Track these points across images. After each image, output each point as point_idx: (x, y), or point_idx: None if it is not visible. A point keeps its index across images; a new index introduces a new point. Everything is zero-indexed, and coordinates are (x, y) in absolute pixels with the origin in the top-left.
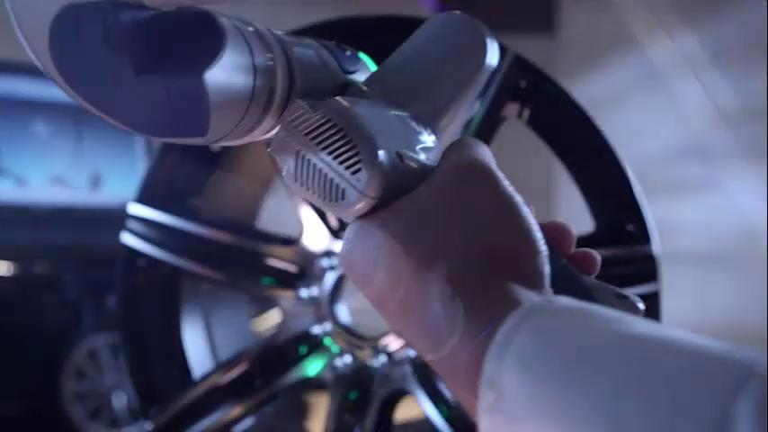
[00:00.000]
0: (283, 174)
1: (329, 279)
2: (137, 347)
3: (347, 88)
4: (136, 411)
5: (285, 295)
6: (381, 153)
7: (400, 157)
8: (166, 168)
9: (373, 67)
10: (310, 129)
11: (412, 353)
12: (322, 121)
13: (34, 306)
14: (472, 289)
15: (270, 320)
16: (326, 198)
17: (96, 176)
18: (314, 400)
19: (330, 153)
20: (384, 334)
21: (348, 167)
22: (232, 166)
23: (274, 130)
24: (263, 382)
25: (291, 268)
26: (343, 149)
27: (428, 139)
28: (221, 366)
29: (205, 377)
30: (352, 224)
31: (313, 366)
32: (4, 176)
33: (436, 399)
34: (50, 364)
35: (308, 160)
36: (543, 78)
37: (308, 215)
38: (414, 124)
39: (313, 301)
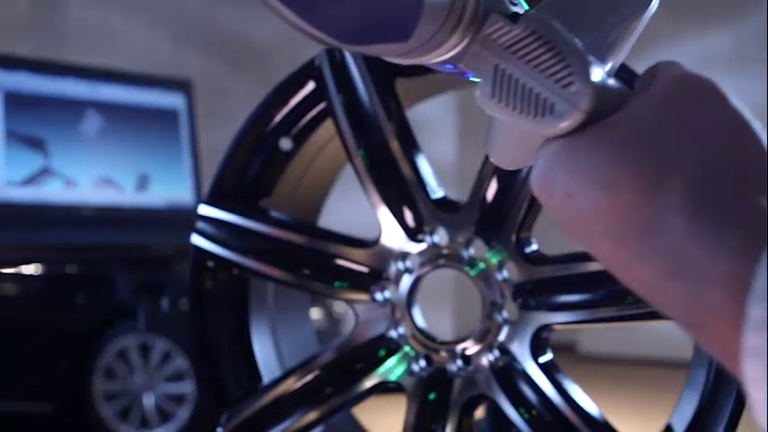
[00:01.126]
0: (476, 93)
1: (406, 281)
2: (206, 350)
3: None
4: (165, 412)
5: (359, 298)
6: (593, 67)
7: (606, 72)
8: (236, 169)
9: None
10: (513, 42)
11: (491, 357)
12: (526, 33)
13: (80, 305)
14: (719, 206)
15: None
16: (531, 113)
17: (143, 177)
18: (387, 401)
19: (536, 66)
20: (462, 338)
21: (557, 81)
22: (301, 167)
23: (456, 50)
24: (336, 388)
25: (366, 270)
26: (551, 62)
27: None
28: (292, 371)
29: (276, 383)
30: (550, 143)
31: (389, 371)
32: (53, 177)
33: (518, 402)
34: (80, 364)
35: (510, 75)
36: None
37: (385, 216)
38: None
39: (389, 304)
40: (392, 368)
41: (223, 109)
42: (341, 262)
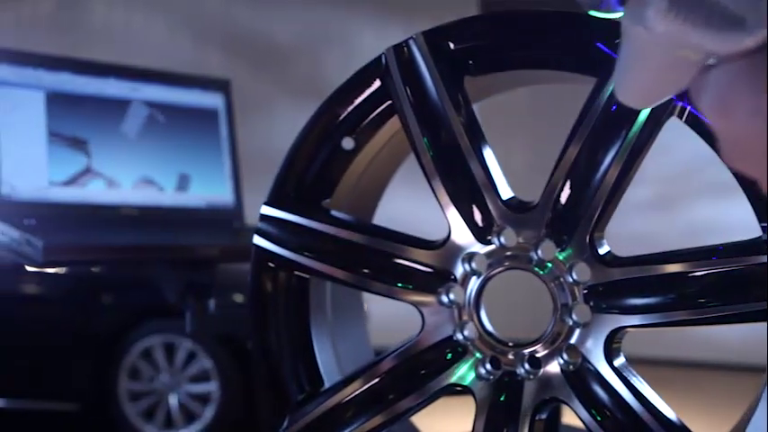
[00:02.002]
0: (648, 13)
1: (473, 283)
2: (267, 352)
3: None
4: (189, 412)
5: (424, 300)
6: None
7: None
8: (298, 169)
9: None
10: None
11: (563, 359)
12: None
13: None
14: None
15: None
16: (715, 28)
17: (184, 177)
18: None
19: None
20: (533, 341)
21: None
22: (361, 166)
23: None
24: (401, 393)
25: (432, 272)
26: None
27: None
28: (356, 375)
29: (338, 387)
30: (725, 65)
31: (456, 374)
32: (95, 177)
33: (592, 405)
34: (107, 364)
35: None
36: None
37: (453, 216)
38: None
39: (455, 306)
40: (459, 371)
41: (243, 108)
42: (405, 263)
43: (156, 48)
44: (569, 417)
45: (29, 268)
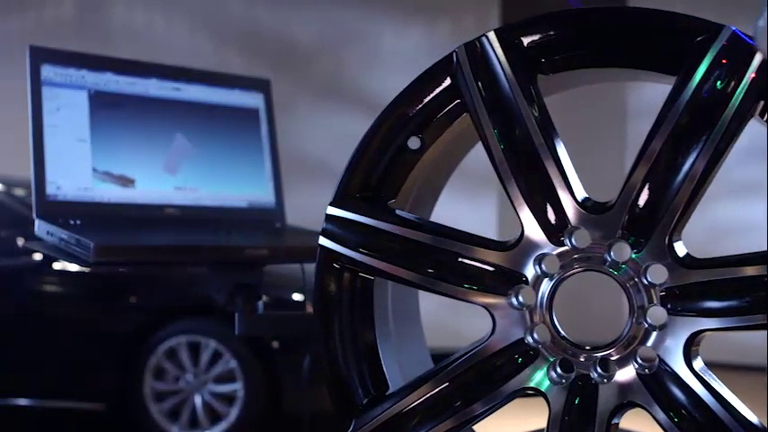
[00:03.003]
0: None
1: (545, 285)
2: (331, 354)
3: None
4: (214, 412)
5: (494, 302)
6: None
7: None
8: (364, 169)
9: None
10: None
11: (639, 363)
12: None
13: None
14: None
15: None
16: None
17: (225, 177)
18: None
19: None
20: (607, 344)
21: None
22: (425, 165)
23: None
24: (471, 396)
25: (502, 273)
26: None
27: None
28: (425, 378)
29: (406, 390)
30: None
31: (528, 377)
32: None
33: (671, 409)
34: (132, 363)
35: None
36: None
37: (526, 216)
38: None
39: (526, 308)
40: (531, 375)
41: None
42: (474, 263)
43: (177, 49)
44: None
45: (55, 267)
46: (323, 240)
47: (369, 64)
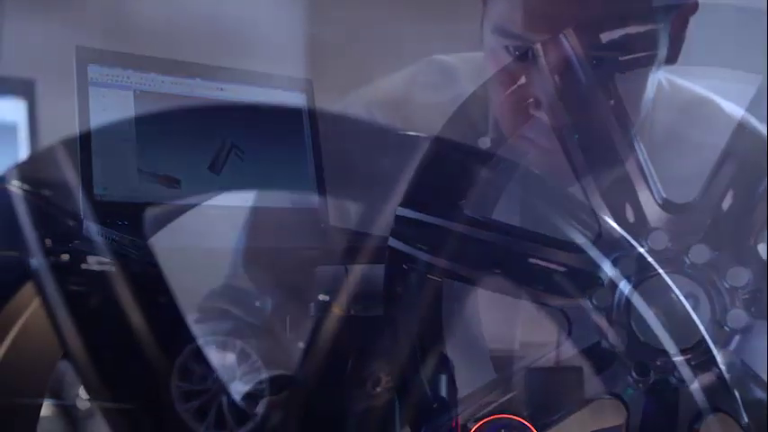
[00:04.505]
0: None
1: (623, 287)
2: (401, 357)
3: None
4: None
5: (568, 304)
6: None
7: None
8: (433, 170)
9: None
10: None
11: (720, 367)
12: None
13: None
14: None
15: None
16: None
17: (268, 177)
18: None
19: None
20: (687, 347)
21: None
22: (498, 166)
23: None
24: (547, 402)
25: (577, 274)
26: None
27: None
28: (496, 383)
29: (476, 395)
30: None
31: (606, 382)
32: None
33: (755, 413)
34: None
35: None
36: None
37: (604, 216)
38: None
39: (603, 311)
40: (608, 379)
41: None
42: (548, 265)
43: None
44: None
45: (83, 267)
46: (392, 242)
47: (390, 64)
